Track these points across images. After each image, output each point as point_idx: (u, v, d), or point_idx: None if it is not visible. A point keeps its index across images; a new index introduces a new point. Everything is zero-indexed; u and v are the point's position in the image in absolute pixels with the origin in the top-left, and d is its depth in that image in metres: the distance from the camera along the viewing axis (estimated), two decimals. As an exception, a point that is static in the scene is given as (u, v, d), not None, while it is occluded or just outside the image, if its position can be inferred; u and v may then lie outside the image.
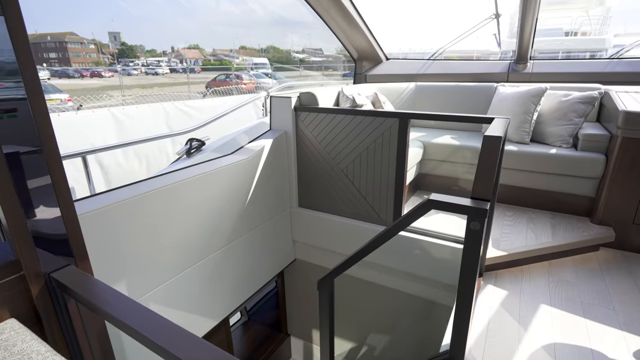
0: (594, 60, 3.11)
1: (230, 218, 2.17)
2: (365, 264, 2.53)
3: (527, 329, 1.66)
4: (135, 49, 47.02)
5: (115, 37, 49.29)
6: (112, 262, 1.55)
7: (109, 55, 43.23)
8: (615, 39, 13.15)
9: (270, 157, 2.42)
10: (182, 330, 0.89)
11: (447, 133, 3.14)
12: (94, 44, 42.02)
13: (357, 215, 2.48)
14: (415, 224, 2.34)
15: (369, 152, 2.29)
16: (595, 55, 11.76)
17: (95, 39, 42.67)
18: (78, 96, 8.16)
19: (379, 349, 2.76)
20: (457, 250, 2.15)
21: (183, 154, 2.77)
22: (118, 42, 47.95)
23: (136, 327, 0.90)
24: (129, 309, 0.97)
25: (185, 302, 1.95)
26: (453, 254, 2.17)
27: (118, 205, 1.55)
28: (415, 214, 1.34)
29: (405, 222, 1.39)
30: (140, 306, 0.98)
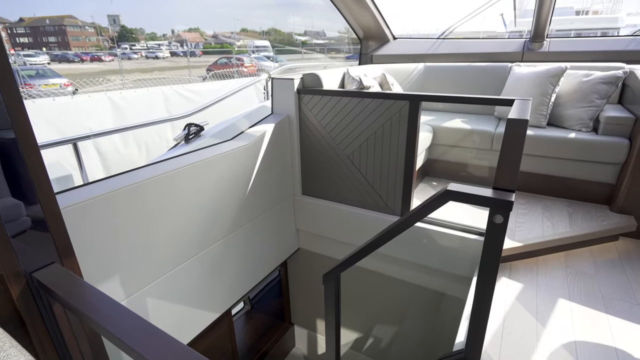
0: (615, 38, 2.91)
1: (231, 207, 2.06)
2: (371, 254, 2.43)
3: (546, 326, 1.57)
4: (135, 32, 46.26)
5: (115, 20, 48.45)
6: (104, 257, 1.46)
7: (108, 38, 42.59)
8: (628, 17, 12.69)
9: (272, 143, 2.30)
10: (172, 341, 0.79)
11: (457, 116, 2.98)
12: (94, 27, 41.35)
13: (363, 203, 2.37)
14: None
15: (377, 137, 2.16)
16: (607, 34, 11.34)
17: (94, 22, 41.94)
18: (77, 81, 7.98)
19: (385, 340, 2.70)
20: (467, 240, 2.04)
21: (181, 140, 2.65)
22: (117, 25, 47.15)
23: (120, 335, 0.80)
24: (114, 314, 0.87)
25: (185, 296, 1.87)
26: (463, 244, 2.07)
27: (109, 196, 1.44)
28: (430, 205, 1.22)
29: (419, 215, 1.27)
30: (127, 312, 0.88)
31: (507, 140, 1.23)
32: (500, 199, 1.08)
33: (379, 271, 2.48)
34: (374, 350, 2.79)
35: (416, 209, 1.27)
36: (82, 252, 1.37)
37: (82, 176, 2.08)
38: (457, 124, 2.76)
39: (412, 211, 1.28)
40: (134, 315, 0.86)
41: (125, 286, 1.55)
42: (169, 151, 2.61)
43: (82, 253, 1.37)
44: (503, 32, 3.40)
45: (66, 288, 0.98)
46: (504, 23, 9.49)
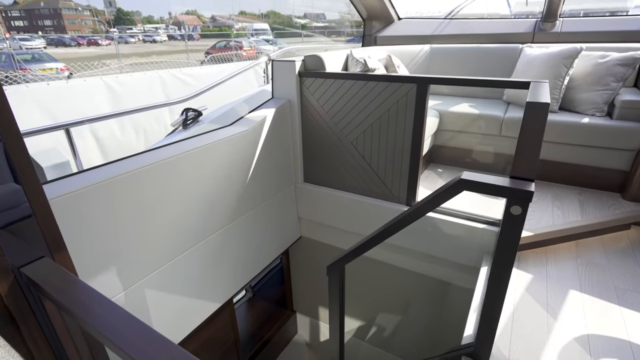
0: (631, 18, 2.78)
1: (231, 195, 2.00)
2: (375, 243, 2.38)
3: (557, 318, 1.52)
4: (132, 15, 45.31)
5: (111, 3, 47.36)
6: (100, 249, 1.39)
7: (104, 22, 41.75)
8: (638, -2, 12.29)
9: (273, 129, 2.21)
10: (167, 344, 0.73)
11: (464, 101, 2.88)
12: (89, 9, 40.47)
13: (367, 191, 2.29)
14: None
15: (382, 123, 2.07)
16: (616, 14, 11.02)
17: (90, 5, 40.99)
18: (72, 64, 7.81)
19: (389, 329, 2.67)
20: (474, 229, 1.97)
21: (178, 126, 2.56)
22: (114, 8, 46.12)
23: (111, 336, 0.74)
24: (105, 313, 0.82)
25: (185, 287, 1.82)
26: (470, 233, 2.00)
27: (103, 185, 1.37)
28: (443, 195, 1.15)
29: (430, 205, 1.20)
30: (119, 310, 0.82)
31: (526, 125, 1.14)
32: (519, 188, 1.01)
33: (382, 260, 2.43)
34: (377, 339, 2.77)
35: (427, 198, 1.20)
36: (76, 244, 1.31)
37: (76, 163, 2.00)
38: (465, 108, 2.66)
39: (423, 201, 1.21)
40: (126, 314, 0.80)
41: (123, 278, 1.50)
42: (166, 137, 2.52)
43: (76, 245, 1.31)
44: (508, 14, 3.23)
45: (55, 284, 0.92)
46: (508, 4, 9.26)
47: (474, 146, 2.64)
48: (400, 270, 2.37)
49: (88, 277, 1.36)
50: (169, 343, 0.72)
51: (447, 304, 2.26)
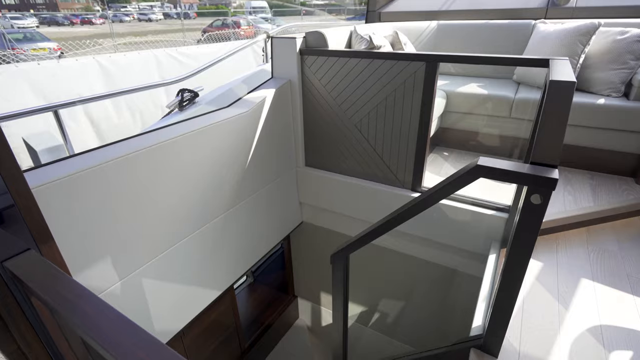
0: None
1: (230, 180, 1.92)
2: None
3: (569, 309, 1.47)
4: (126, -8, 43.91)
5: (104, -21, 45.76)
6: (93, 238, 1.32)
7: None
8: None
9: (273, 110, 2.11)
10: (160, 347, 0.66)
11: (472, 80, 2.76)
12: (82, -14, 39.17)
13: (371, 175, 2.21)
14: (429, 183, 2.09)
15: (388, 104, 1.97)
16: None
17: (82, -18, 39.63)
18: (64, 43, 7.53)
19: (392, 316, 2.65)
20: (481, 215, 1.90)
21: (174, 107, 2.46)
22: (107, -15, 44.61)
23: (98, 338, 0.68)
24: (94, 312, 0.75)
25: (184, 274, 1.77)
26: (477, 219, 1.93)
27: (94, 170, 1.29)
28: (457, 182, 1.07)
29: (443, 193, 1.12)
30: (110, 310, 0.75)
31: (549, 106, 1.05)
32: (541, 176, 0.93)
33: (385, 246, 2.38)
34: (380, 324, 2.75)
35: (440, 185, 1.12)
36: (66, 235, 1.24)
37: (67, 147, 1.91)
38: (473, 89, 2.55)
39: (436, 188, 1.13)
40: (115, 314, 0.74)
41: (119, 268, 1.44)
42: (162, 119, 2.43)
43: (66, 235, 1.24)
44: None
45: (40, 279, 0.85)
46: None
47: (482, 129, 2.54)
48: (404, 256, 2.32)
49: (81, 268, 1.30)
50: (160, 346, 0.65)
51: (453, 292, 2.22)
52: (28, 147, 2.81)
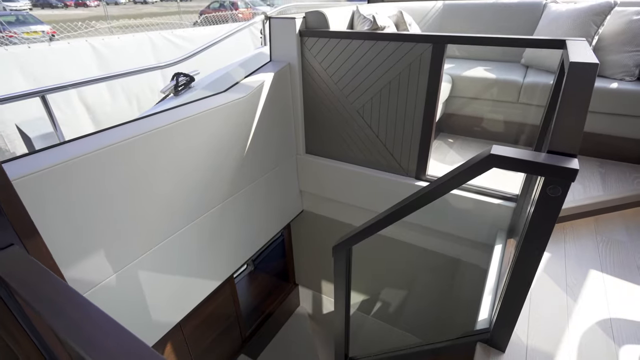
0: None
1: (228, 169, 1.85)
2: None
3: (577, 301, 1.43)
4: (121, -27, 42.73)
5: (97, -41, 44.51)
6: (84, 230, 1.27)
7: (92, -20, 39.45)
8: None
9: (272, 95, 2.02)
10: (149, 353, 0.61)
11: (478, 64, 2.66)
12: (75, -33, 38.09)
13: (373, 163, 2.15)
14: (434, 171, 2.02)
15: (392, 88, 1.88)
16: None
17: (75, -38, 38.51)
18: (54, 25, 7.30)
19: (395, 305, 2.62)
20: (486, 204, 1.84)
21: (169, 92, 2.36)
22: (101, -35, 43.45)
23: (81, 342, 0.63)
24: (78, 314, 0.70)
25: (182, 265, 1.72)
26: (481, 208, 1.87)
27: (82, 160, 1.22)
28: (468, 172, 1.00)
29: (453, 183, 1.06)
30: (96, 311, 0.70)
31: (569, 90, 0.98)
32: (559, 166, 0.86)
33: (387, 235, 2.33)
34: (383, 313, 2.73)
35: (449, 175, 1.05)
36: (56, 227, 1.18)
37: (57, 135, 1.83)
38: (479, 72, 2.45)
39: (445, 178, 1.07)
40: (102, 316, 0.68)
41: (113, 260, 1.39)
42: (156, 105, 2.34)
43: (56, 228, 1.18)
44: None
45: (21, 277, 0.79)
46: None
47: (488, 114, 2.46)
48: (406, 245, 2.28)
49: (73, 261, 1.25)
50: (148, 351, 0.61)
51: (457, 281, 2.18)
52: (22, 134, 2.73)
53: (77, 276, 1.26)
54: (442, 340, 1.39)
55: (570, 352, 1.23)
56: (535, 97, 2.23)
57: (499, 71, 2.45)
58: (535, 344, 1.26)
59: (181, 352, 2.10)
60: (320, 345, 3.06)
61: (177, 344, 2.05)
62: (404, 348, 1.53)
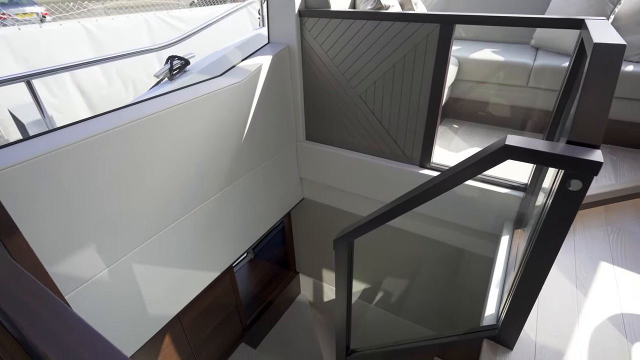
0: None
1: (225, 157, 1.78)
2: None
3: (587, 295, 1.38)
4: (115, -48, 41.45)
5: (91, -63, 43.09)
6: (73, 224, 1.21)
7: (86, -41, 38.32)
8: None
9: (270, 79, 1.93)
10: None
11: (486, 46, 2.54)
12: (68, -55, 36.93)
13: (376, 150, 2.07)
14: (440, 159, 1.94)
15: (396, 72, 1.79)
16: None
17: (68, -60, 37.29)
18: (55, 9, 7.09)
19: (397, 294, 2.59)
20: (491, 193, 1.78)
21: (164, 77, 2.27)
22: (95, -56, 42.10)
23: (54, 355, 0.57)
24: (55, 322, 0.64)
25: (179, 257, 1.67)
26: (486, 197, 1.80)
27: (68, 150, 1.15)
28: (479, 165, 0.93)
29: (462, 175, 0.99)
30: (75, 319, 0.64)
31: (592, 74, 0.89)
32: (582, 158, 0.79)
33: (389, 223, 2.27)
34: (385, 302, 2.71)
35: (459, 167, 0.98)
36: (40, 222, 1.12)
37: (45, 122, 1.75)
38: (487, 55, 2.34)
39: (454, 170, 0.99)
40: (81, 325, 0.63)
41: (105, 254, 1.34)
42: (150, 90, 2.25)
43: (40, 223, 1.12)
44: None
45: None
46: None
47: (495, 99, 2.36)
48: (408, 234, 2.23)
49: (60, 258, 1.19)
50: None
51: (461, 271, 2.14)
52: (15, 119, 2.64)
53: (66, 272, 1.21)
54: (447, 335, 1.35)
55: (581, 349, 1.19)
56: (546, 80, 2.13)
57: (507, 53, 2.34)
58: (544, 341, 1.21)
59: (180, 342, 2.08)
60: (321, 333, 3.06)
61: (175, 334, 2.03)
62: (408, 342, 1.49)
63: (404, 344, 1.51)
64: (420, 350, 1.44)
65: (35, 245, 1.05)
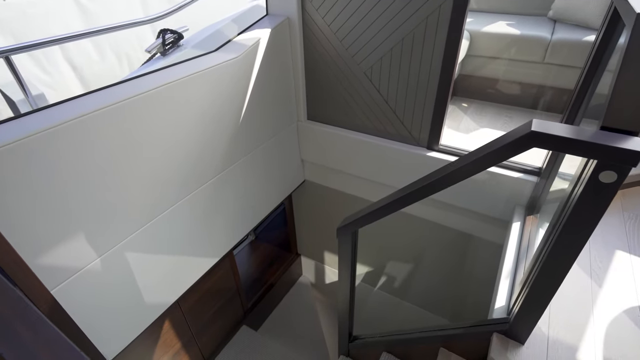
0: None
1: (221, 138, 1.68)
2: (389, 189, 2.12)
3: (602, 286, 1.31)
4: None
5: None
6: (58, 215, 1.13)
7: None
8: None
9: (269, 54, 1.80)
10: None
11: (500, 18, 2.37)
12: None
13: (380, 131, 1.97)
14: (449, 141, 1.84)
15: (404, 47, 1.66)
16: None
17: None
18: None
19: (402, 278, 2.55)
20: (500, 177, 1.69)
21: (156, 52, 2.13)
22: None
23: None
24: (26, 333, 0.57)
25: (176, 244, 1.61)
26: (495, 180, 1.72)
27: (53, 133, 1.06)
28: (499, 153, 0.84)
29: (479, 165, 0.90)
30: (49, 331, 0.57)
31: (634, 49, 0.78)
32: (619, 147, 0.70)
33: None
34: (389, 286, 2.67)
35: (476, 155, 0.89)
36: (22, 212, 1.04)
37: (29, 101, 1.65)
38: (501, 27, 2.19)
39: (470, 158, 0.90)
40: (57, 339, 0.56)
41: (96, 243, 1.27)
42: (142, 67, 2.12)
43: (22, 213, 1.04)
44: None
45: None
46: None
47: (508, 76, 2.23)
48: (415, 218, 2.15)
49: (46, 249, 1.12)
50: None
51: (469, 257, 2.08)
52: (5, 96, 2.53)
53: (54, 263, 1.15)
54: (455, 326, 1.30)
55: (596, 343, 1.13)
56: (564, 56, 1.99)
57: (523, 26, 2.18)
58: (557, 335, 1.16)
59: (180, 327, 2.06)
60: (323, 313, 3.06)
61: (175, 320, 2.00)
62: (413, 332, 1.45)
63: (409, 333, 1.47)
64: (426, 340, 1.40)
65: (14, 239, 0.98)
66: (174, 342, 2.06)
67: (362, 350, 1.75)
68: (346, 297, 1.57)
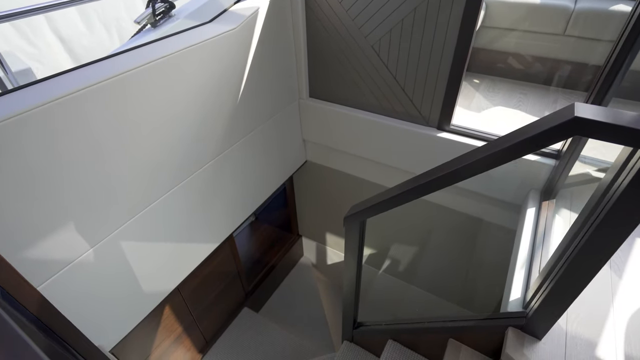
0: None
1: (219, 119, 1.57)
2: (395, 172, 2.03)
3: (623, 277, 1.25)
4: None
5: None
6: (44, 205, 1.04)
7: None
8: None
9: (268, 26, 1.66)
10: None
11: (517, -14, 2.20)
12: None
13: (388, 110, 1.85)
14: (461, 121, 1.73)
15: (416, 17, 1.52)
16: None
17: None
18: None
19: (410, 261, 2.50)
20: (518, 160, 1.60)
21: (145, 22, 1.97)
22: None
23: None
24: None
25: (173, 232, 1.53)
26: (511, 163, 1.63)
27: (36, 113, 0.95)
28: (535, 141, 0.74)
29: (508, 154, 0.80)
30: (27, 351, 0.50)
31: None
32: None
33: (401, 190, 2.12)
34: (394, 269, 2.63)
35: (504, 144, 0.79)
36: (4, 203, 0.95)
37: (9, 78, 1.51)
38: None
39: (498, 147, 0.81)
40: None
41: (87, 233, 1.19)
42: (131, 40, 1.97)
43: (4, 204, 0.95)
44: None
45: None
46: None
47: (525, 49, 2.08)
48: (423, 201, 2.07)
49: (33, 242, 1.04)
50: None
51: (478, 242, 2.02)
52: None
53: (42, 257, 1.07)
54: (466, 318, 1.25)
55: (616, 339, 1.08)
56: (588, 28, 1.84)
57: (543, -6, 2.02)
58: (575, 330, 1.10)
59: (181, 313, 2.02)
60: (325, 293, 3.04)
61: (176, 306, 1.96)
62: (421, 321, 1.41)
63: (417, 323, 1.43)
64: (435, 330, 1.36)
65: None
66: (175, 327, 2.04)
67: (367, 336, 1.72)
68: (352, 284, 1.52)
